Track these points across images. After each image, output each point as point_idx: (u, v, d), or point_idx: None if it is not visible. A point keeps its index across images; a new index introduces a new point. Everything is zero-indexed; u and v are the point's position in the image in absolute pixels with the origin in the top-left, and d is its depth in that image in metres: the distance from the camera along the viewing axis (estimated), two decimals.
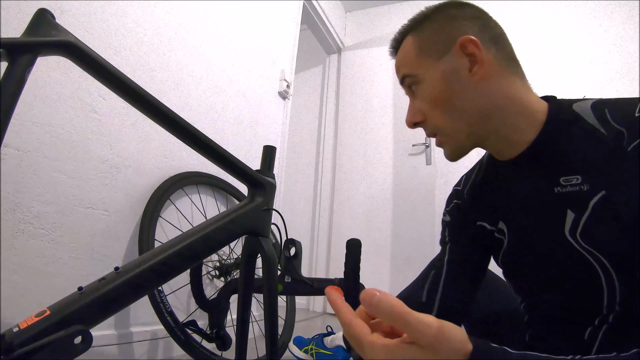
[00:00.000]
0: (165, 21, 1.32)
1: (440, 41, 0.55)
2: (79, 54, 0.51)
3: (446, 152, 0.58)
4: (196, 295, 0.95)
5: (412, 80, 0.58)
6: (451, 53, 0.54)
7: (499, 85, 0.54)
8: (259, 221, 0.73)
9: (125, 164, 1.15)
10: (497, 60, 0.54)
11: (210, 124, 1.52)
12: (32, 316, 0.46)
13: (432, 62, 0.55)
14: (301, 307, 2.70)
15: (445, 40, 0.55)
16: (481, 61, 0.52)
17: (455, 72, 0.54)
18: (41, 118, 0.93)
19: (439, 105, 0.55)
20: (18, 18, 0.87)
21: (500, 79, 0.54)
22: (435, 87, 0.55)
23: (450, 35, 0.54)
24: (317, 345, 1.15)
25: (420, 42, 0.57)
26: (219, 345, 0.94)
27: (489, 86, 0.53)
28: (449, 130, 0.56)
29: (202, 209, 1.41)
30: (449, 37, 0.55)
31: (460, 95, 0.54)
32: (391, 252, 2.48)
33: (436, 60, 0.55)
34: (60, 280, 0.94)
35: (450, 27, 0.55)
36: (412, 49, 0.58)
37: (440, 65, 0.55)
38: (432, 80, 0.55)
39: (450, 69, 0.54)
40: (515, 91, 0.54)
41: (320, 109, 3.25)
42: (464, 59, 0.53)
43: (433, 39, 0.56)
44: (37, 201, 0.91)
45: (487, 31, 0.55)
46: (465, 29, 0.54)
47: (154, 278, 0.58)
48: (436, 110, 0.56)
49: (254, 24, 1.84)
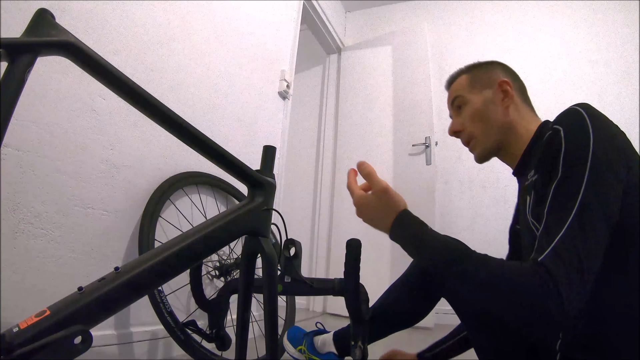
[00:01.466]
0: (165, 21, 1.32)
1: (485, 80, 0.83)
2: (79, 54, 0.51)
3: (476, 154, 0.83)
4: (196, 295, 0.95)
5: (461, 101, 0.84)
6: (492, 89, 0.81)
7: (516, 112, 0.79)
8: (259, 221, 0.73)
9: (125, 164, 1.15)
10: (517, 97, 0.80)
11: (210, 124, 1.52)
12: (32, 316, 0.46)
13: (477, 92, 0.83)
14: (301, 307, 2.70)
15: (489, 80, 0.82)
16: (511, 96, 0.79)
17: (492, 101, 0.80)
18: (41, 118, 0.93)
19: (477, 120, 0.81)
20: (18, 18, 0.87)
21: (517, 108, 0.79)
22: (477, 108, 0.81)
23: (493, 78, 0.82)
24: (308, 349, 1.13)
25: (472, 79, 0.85)
26: (218, 345, 0.94)
27: (510, 112, 0.78)
28: (481, 137, 0.80)
29: (202, 209, 1.41)
30: (491, 79, 0.82)
31: (493, 115, 0.79)
32: (391, 252, 2.48)
33: (480, 91, 0.82)
34: (60, 280, 0.94)
35: (493, 73, 0.83)
36: (465, 82, 0.85)
37: (483, 94, 0.82)
38: (475, 103, 0.82)
39: (489, 98, 0.81)
40: (523, 117, 0.79)
41: (320, 109, 3.25)
42: (499, 94, 0.80)
43: (481, 78, 0.84)
44: (37, 201, 0.91)
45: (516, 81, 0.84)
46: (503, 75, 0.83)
47: (154, 278, 0.58)
48: (474, 123, 0.81)
49: (254, 24, 1.84)
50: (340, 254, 2.56)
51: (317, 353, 1.11)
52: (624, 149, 0.58)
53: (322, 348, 1.11)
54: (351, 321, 0.81)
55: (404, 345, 1.19)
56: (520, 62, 2.68)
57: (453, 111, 0.88)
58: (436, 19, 3.05)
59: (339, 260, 2.67)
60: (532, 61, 2.66)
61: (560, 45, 2.63)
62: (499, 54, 2.76)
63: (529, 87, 0.86)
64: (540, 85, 2.56)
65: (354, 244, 0.77)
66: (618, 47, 2.48)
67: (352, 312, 0.80)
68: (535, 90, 2.67)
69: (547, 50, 2.65)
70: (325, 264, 2.80)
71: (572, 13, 2.65)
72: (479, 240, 2.46)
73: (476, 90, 0.83)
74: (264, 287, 0.71)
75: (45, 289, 0.91)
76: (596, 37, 2.56)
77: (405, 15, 3.20)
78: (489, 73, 0.84)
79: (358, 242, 0.78)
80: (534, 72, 2.61)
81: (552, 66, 2.61)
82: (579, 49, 2.58)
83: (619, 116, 2.39)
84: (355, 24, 3.39)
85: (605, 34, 2.53)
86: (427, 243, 0.64)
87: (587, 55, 2.55)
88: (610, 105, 2.43)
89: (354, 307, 0.79)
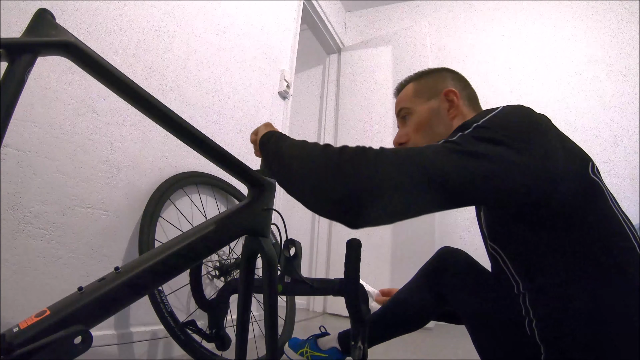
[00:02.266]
0: (165, 21, 1.32)
1: (431, 89, 0.81)
2: (79, 54, 0.51)
3: None
4: (196, 295, 0.95)
5: (406, 112, 0.83)
6: (438, 98, 0.80)
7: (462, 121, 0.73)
8: (259, 221, 0.73)
9: (125, 164, 1.15)
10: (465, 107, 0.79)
11: (210, 124, 1.52)
12: (32, 316, 0.46)
13: (423, 102, 0.81)
14: (301, 307, 2.70)
15: (435, 89, 0.80)
16: (456, 106, 0.78)
17: (437, 111, 0.79)
18: (41, 118, 0.93)
19: (421, 131, 0.79)
20: (18, 18, 0.87)
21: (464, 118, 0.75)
22: (421, 119, 0.80)
23: (439, 88, 0.80)
24: (311, 348, 1.14)
25: (418, 88, 0.83)
26: (218, 345, 0.94)
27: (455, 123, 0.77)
28: None
29: (202, 209, 1.41)
30: (437, 88, 0.80)
31: (437, 126, 0.78)
32: (391, 252, 2.48)
33: (426, 100, 0.80)
34: (60, 280, 0.94)
35: (440, 82, 0.81)
36: (411, 91, 0.83)
37: (429, 104, 0.80)
38: (420, 114, 0.80)
39: (435, 108, 0.79)
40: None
41: (320, 109, 3.25)
42: (445, 103, 0.79)
43: (427, 87, 0.81)
44: (37, 201, 0.91)
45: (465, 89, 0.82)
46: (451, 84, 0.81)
47: (154, 278, 0.58)
48: (418, 134, 0.79)
49: (254, 24, 1.84)
50: (341, 254, 2.57)
51: (320, 350, 1.12)
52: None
53: (325, 345, 1.12)
54: (351, 321, 0.81)
55: (403, 345, 1.19)
56: (520, 62, 2.69)
57: (399, 121, 0.86)
58: (436, 19, 3.06)
59: (339, 261, 2.67)
60: (532, 61, 2.66)
61: (560, 45, 2.63)
62: (499, 54, 2.77)
63: (529, 86, 0.86)
64: (540, 85, 2.56)
65: (355, 244, 0.77)
66: (618, 47, 2.48)
67: (352, 312, 0.80)
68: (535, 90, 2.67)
69: (547, 50, 2.65)
70: (325, 264, 2.80)
71: (572, 13, 2.65)
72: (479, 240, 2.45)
73: (422, 100, 0.81)
74: (264, 287, 0.71)
75: (45, 289, 0.91)
76: (596, 37, 2.56)
77: (405, 15, 3.21)
78: (436, 82, 0.81)
79: (358, 242, 0.77)
80: (534, 72, 2.61)
81: (552, 66, 2.61)
82: (579, 49, 2.58)
83: (619, 116, 2.39)
84: (355, 24, 3.39)
85: (605, 34, 2.53)
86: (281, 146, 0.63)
87: (587, 55, 2.55)
88: (610, 105, 2.43)
89: (354, 308, 0.79)
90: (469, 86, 0.83)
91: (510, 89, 2.63)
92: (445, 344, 1.86)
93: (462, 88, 0.81)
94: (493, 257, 0.70)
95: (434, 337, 1.97)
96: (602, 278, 0.56)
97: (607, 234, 0.58)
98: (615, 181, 2.20)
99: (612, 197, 0.63)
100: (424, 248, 2.34)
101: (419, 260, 1.23)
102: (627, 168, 2.29)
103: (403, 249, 2.46)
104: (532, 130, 0.57)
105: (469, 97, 0.81)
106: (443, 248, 0.97)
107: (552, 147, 0.58)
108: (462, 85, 0.82)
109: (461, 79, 0.83)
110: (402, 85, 0.87)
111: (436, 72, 0.84)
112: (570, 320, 0.56)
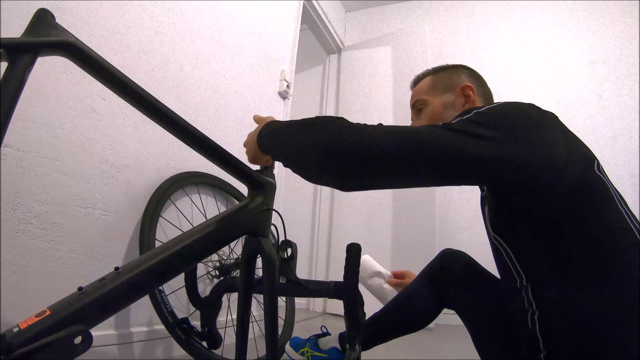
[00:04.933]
0: (165, 21, 1.32)
1: (447, 83, 0.82)
2: (79, 54, 0.51)
3: None
4: (189, 293, 0.95)
5: (421, 104, 0.84)
6: (453, 92, 0.81)
7: None
8: (259, 221, 0.73)
9: (125, 164, 1.15)
10: (481, 103, 0.79)
11: (210, 124, 1.52)
12: (32, 316, 0.46)
13: (438, 95, 0.82)
14: (301, 307, 2.70)
15: (451, 84, 0.82)
16: (472, 101, 0.79)
17: (452, 105, 0.81)
18: (41, 118, 0.93)
19: (434, 122, 0.79)
20: (18, 18, 0.87)
21: None
22: (435, 110, 0.81)
23: (455, 82, 0.82)
24: (311, 348, 1.15)
25: (434, 81, 0.84)
26: (209, 343, 0.94)
27: None
28: None
29: (202, 209, 1.41)
30: (453, 83, 0.82)
31: (451, 118, 0.76)
32: (391, 252, 2.48)
33: (441, 94, 0.82)
34: (60, 280, 0.94)
35: (457, 77, 0.83)
36: (427, 84, 0.85)
37: (443, 98, 0.82)
38: (435, 106, 0.82)
39: (450, 102, 0.81)
40: None
41: (320, 109, 3.25)
42: (461, 98, 0.80)
43: (443, 81, 0.83)
44: (37, 201, 0.91)
45: (482, 87, 0.83)
46: (467, 80, 0.82)
47: (154, 278, 0.58)
48: None
49: (254, 24, 1.84)
50: (340, 257, 2.57)
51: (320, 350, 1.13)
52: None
53: (325, 345, 1.13)
54: (347, 325, 0.82)
55: (403, 345, 1.19)
56: (520, 62, 2.69)
57: (414, 113, 0.88)
58: (436, 19, 3.05)
59: (339, 263, 2.67)
60: (532, 61, 2.66)
61: (560, 45, 2.63)
62: (499, 54, 2.77)
63: (529, 86, 0.87)
64: (540, 85, 2.56)
65: (355, 249, 0.78)
66: (618, 47, 2.48)
67: (350, 316, 0.80)
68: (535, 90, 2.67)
69: (547, 50, 2.65)
70: (325, 267, 2.80)
71: (572, 13, 2.65)
72: (479, 240, 2.45)
73: (437, 93, 0.82)
74: (264, 287, 0.71)
75: (45, 289, 0.91)
76: (596, 37, 2.56)
77: (405, 15, 3.20)
78: (453, 76, 0.83)
79: (358, 246, 0.78)
80: (534, 71, 2.61)
81: (552, 66, 2.61)
82: (579, 49, 2.58)
83: (619, 116, 2.39)
84: (355, 24, 3.38)
85: (605, 34, 2.53)
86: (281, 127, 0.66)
87: (587, 55, 2.55)
88: (610, 105, 2.43)
89: (353, 312, 0.79)
90: (485, 84, 0.85)
91: (510, 89, 2.62)
92: (446, 344, 1.86)
93: (479, 85, 0.82)
94: (496, 250, 0.70)
95: (434, 337, 1.97)
96: (604, 272, 0.56)
97: (611, 229, 0.58)
98: (615, 181, 2.19)
99: (618, 194, 0.64)
100: (424, 248, 2.34)
101: (419, 260, 1.23)
102: (627, 168, 2.29)
103: (403, 249, 2.46)
104: (533, 121, 0.58)
105: (485, 94, 0.83)
106: (445, 250, 0.97)
107: (553, 140, 0.59)
108: (478, 82, 0.83)
109: (478, 77, 0.85)
110: (419, 78, 0.89)
111: (453, 68, 0.86)
112: (571, 313, 0.56)
